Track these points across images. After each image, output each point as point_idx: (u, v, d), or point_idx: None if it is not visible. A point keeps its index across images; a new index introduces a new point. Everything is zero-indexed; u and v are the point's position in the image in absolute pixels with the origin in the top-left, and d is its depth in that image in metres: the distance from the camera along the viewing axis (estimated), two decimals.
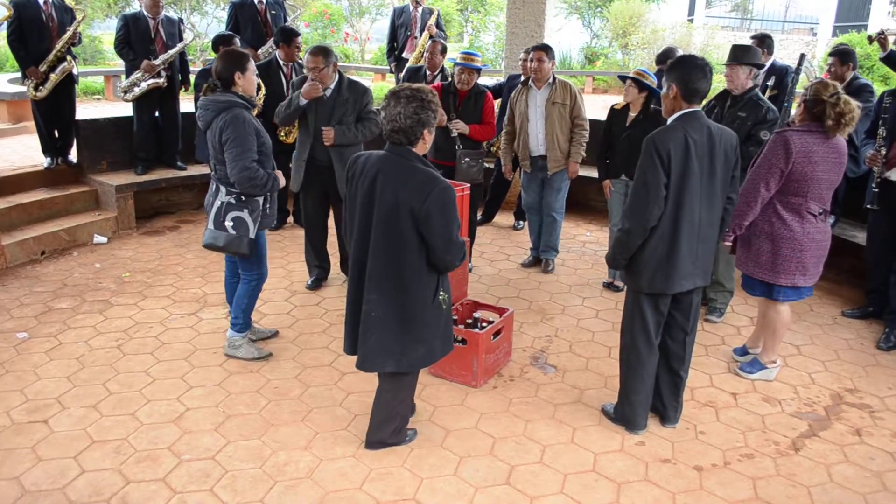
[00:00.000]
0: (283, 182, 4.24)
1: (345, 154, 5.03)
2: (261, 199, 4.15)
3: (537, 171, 5.93)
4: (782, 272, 4.05)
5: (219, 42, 6.16)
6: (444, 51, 6.59)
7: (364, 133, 5.11)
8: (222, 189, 4.09)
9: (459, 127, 5.63)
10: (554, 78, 5.76)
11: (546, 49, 5.73)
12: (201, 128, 4.12)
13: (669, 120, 3.44)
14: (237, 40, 6.26)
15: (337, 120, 5.02)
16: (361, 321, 3.22)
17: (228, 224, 4.06)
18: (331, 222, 5.55)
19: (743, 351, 4.64)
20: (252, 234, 4.12)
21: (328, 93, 5.01)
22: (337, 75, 5.04)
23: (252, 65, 4.12)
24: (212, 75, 4.13)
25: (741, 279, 4.35)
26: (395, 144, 3.13)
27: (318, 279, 5.60)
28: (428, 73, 6.60)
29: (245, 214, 4.08)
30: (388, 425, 3.51)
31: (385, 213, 3.07)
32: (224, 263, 4.68)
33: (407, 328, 3.21)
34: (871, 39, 5.87)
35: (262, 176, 4.01)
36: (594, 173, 5.93)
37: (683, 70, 3.40)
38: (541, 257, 6.23)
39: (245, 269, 4.33)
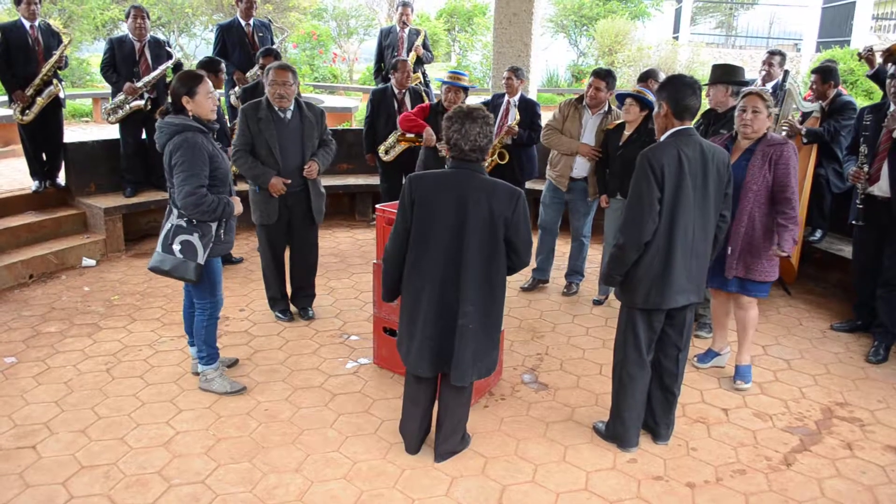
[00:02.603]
0: (239, 208, 4.11)
1: (317, 178, 5.03)
2: (214, 225, 4.02)
3: (569, 193, 5.81)
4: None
5: (204, 68, 5.99)
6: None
7: (330, 157, 5.09)
8: (175, 212, 3.96)
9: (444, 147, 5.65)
10: (610, 106, 5.68)
11: (606, 78, 5.54)
12: (158, 149, 4.00)
13: (662, 137, 3.48)
14: (223, 65, 6.18)
15: (311, 143, 4.93)
16: (457, 338, 3.33)
17: (176, 248, 3.91)
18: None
19: (708, 356, 4.74)
20: (200, 260, 3.95)
21: (288, 115, 4.87)
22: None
23: (205, 87, 3.96)
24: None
25: (747, 288, 4.33)
26: (470, 161, 3.32)
27: (286, 310, 5.40)
28: (396, 91, 6.63)
29: (195, 239, 3.94)
30: (458, 433, 3.64)
31: (480, 226, 3.25)
32: (183, 291, 4.52)
33: (490, 334, 3.43)
34: (860, 57, 5.95)
35: (210, 202, 3.87)
36: None
37: (673, 88, 3.45)
38: (566, 280, 6.13)
39: (198, 297, 4.18)
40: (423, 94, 6.71)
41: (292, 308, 5.46)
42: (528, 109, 6.24)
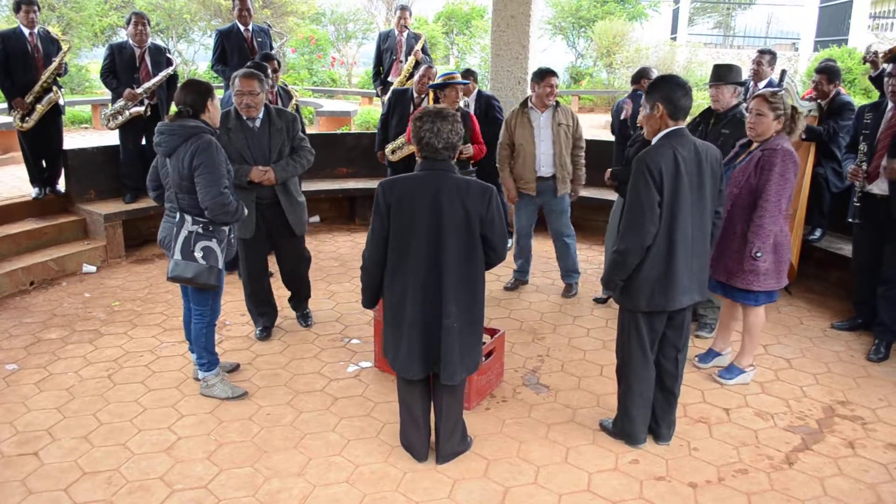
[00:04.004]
0: (247, 211, 4.13)
1: (289, 186, 4.86)
2: (226, 229, 4.05)
3: (538, 195, 5.79)
4: (782, 275, 4.24)
5: (257, 69, 5.90)
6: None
7: (302, 163, 4.85)
8: (188, 218, 3.94)
9: (468, 151, 5.67)
10: (556, 101, 5.71)
11: (557, 74, 5.66)
12: (162, 153, 3.96)
13: (655, 139, 3.47)
14: (276, 63, 6.08)
15: (277, 151, 4.74)
16: (443, 337, 3.33)
17: (198, 254, 3.92)
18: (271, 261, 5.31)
19: (709, 356, 4.73)
20: (221, 265, 4.00)
21: (257, 123, 4.71)
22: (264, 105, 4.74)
23: (215, 94, 4.07)
24: (178, 103, 3.95)
25: (733, 296, 4.35)
26: (441, 161, 3.30)
27: (268, 327, 5.19)
28: (415, 95, 6.65)
29: (214, 244, 3.96)
30: (457, 433, 3.63)
31: (457, 225, 3.25)
32: (182, 297, 4.48)
33: (474, 331, 3.43)
34: (864, 60, 5.97)
35: (232, 202, 3.91)
36: (585, 193, 5.93)
37: (667, 88, 3.45)
38: (564, 282, 6.11)
39: (200, 303, 4.14)
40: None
41: (292, 314, 5.45)
42: (481, 105, 6.35)
